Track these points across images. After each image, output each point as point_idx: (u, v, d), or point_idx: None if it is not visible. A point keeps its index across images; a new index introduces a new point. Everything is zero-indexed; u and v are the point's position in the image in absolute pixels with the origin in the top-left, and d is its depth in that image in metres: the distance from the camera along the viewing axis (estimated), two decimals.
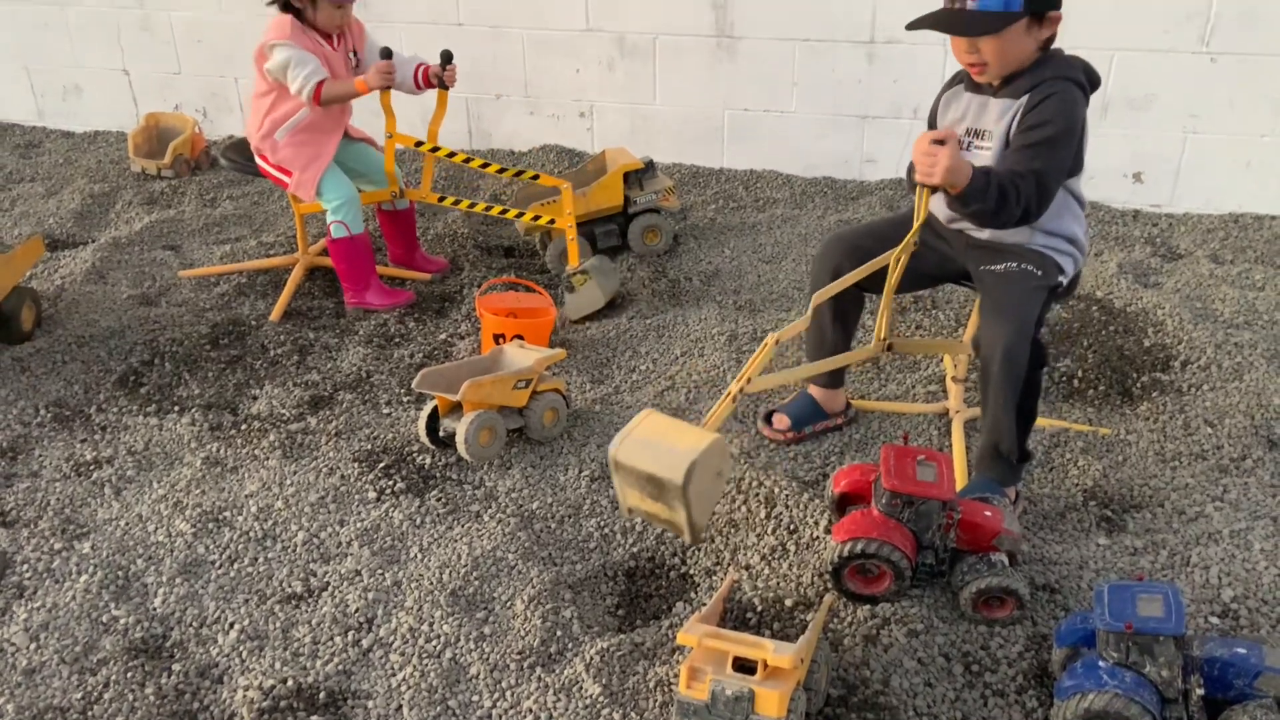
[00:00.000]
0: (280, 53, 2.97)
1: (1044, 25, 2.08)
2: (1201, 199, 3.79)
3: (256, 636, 2.02)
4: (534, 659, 1.94)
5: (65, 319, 3.19)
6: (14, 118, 5.13)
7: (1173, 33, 3.58)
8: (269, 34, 3.00)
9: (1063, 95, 2.07)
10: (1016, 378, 2.10)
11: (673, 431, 1.82)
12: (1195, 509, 2.27)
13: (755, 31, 4.03)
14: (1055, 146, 2.06)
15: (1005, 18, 2.02)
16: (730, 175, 4.24)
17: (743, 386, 1.99)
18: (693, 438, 1.79)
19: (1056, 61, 2.12)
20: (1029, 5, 2.02)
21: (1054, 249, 2.21)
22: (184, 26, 4.68)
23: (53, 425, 2.71)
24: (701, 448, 1.75)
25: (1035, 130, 2.07)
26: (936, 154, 1.99)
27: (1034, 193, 2.04)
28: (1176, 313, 3.00)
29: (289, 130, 3.10)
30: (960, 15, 2.05)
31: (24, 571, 2.20)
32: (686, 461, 1.73)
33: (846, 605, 2.02)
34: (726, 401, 1.97)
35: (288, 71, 2.98)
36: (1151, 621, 1.67)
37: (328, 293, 3.39)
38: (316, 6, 3.00)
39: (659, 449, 1.79)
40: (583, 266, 3.17)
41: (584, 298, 3.18)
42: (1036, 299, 2.13)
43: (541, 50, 4.31)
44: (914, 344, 2.54)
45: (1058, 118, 2.05)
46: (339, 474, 2.49)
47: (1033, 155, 2.05)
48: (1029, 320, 2.10)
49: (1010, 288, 2.15)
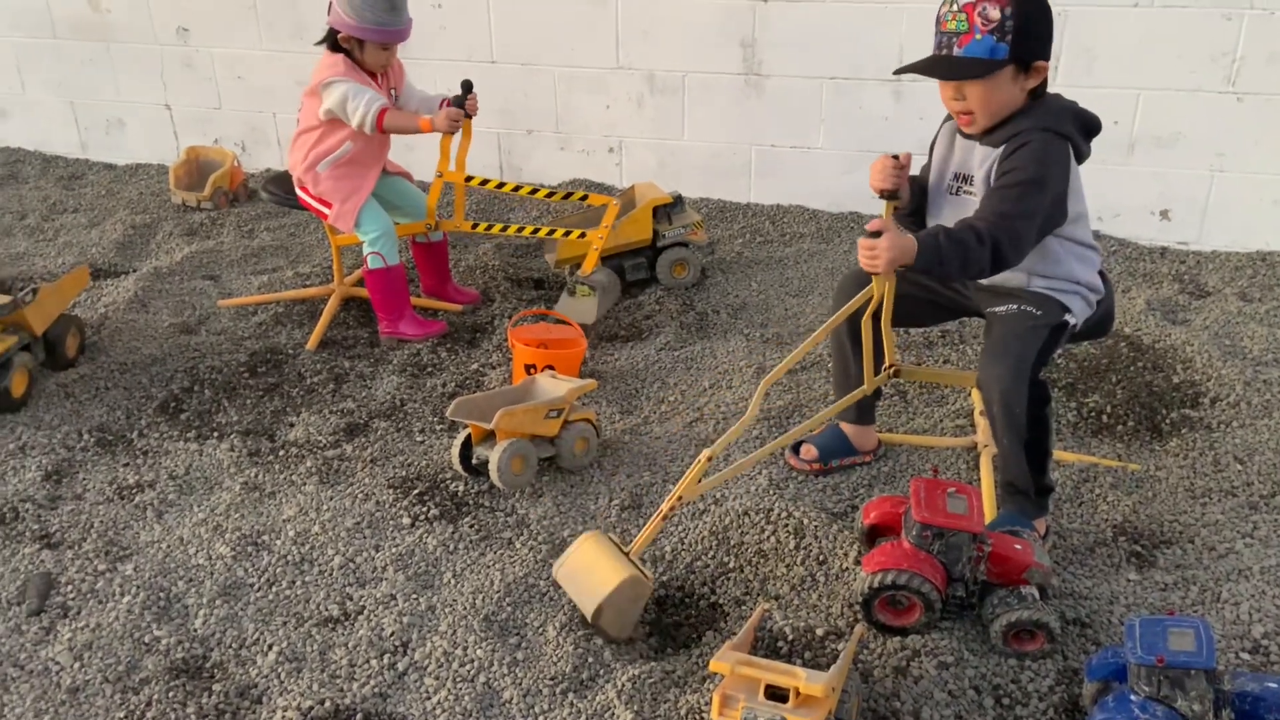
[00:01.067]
0: (338, 88, 3.05)
1: (1030, 75, 2.11)
2: (1229, 237, 3.80)
3: (294, 658, 2.06)
4: (566, 685, 1.96)
5: (108, 346, 3.27)
6: (58, 150, 5.27)
7: (1199, 72, 3.61)
8: (322, 72, 3.09)
9: (1037, 143, 2.09)
10: (1016, 417, 2.14)
11: (598, 563, 2.09)
12: (1225, 545, 2.27)
13: (783, 69, 4.09)
14: (1025, 191, 2.07)
15: (990, 64, 2.06)
16: (757, 210, 4.30)
17: (673, 505, 2.12)
18: (607, 574, 2.04)
19: (1042, 110, 2.14)
20: (1014, 53, 2.05)
21: (1056, 290, 2.23)
22: (225, 63, 4.80)
23: (96, 449, 2.77)
24: (608, 591, 2.02)
25: (1005, 175, 2.10)
26: (875, 246, 2.02)
27: (1002, 236, 2.04)
28: (1205, 350, 3.01)
29: (331, 164, 3.18)
30: (946, 61, 2.10)
31: (68, 592, 2.25)
32: (595, 603, 2.03)
33: (877, 636, 2.04)
34: (657, 520, 2.12)
35: (347, 104, 3.06)
36: (1183, 655, 1.68)
37: (362, 322, 3.46)
38: (364, 48, 3.09)
39: (581, 583, 2.09)
40: (591, 280, 3.25)
41: (579, 307, 3.32)
42: (1034, 339, 2.16)
43: (572, 87, 4.40)
44: (920, 371, 2.55)
45: (1028, 164, 2.08)
46: (374, 500, 2.53)
47: (999, 199, 2.09)
48: (1025, 360, 2.13)
49: (1007, 329, 2.20)
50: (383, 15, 3.03)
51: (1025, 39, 2.05)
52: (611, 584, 2.02)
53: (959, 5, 2.07)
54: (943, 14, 2.11)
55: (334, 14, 3.05)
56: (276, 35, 4.65)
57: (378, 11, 3.01)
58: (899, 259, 2.01)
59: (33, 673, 2.04)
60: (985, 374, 2.18)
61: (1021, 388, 2.11)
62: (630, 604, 2.06)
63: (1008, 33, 2.03)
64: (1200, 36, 3.56)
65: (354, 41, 3.08)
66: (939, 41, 2.12)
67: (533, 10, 4.29)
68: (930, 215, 2.33)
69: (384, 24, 3.04)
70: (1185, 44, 3.59)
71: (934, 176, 2.33)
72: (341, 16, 3.03)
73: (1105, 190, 3.85)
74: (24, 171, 5.05)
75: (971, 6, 2.05)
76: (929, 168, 2.37)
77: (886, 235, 2.01)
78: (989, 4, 2.03)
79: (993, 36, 2.04)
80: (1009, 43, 2.04)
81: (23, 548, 2.39)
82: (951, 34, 2.08)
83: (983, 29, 2.04)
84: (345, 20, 3.02)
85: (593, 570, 2.08)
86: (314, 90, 3.11)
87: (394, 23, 3.07)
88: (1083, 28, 3.62)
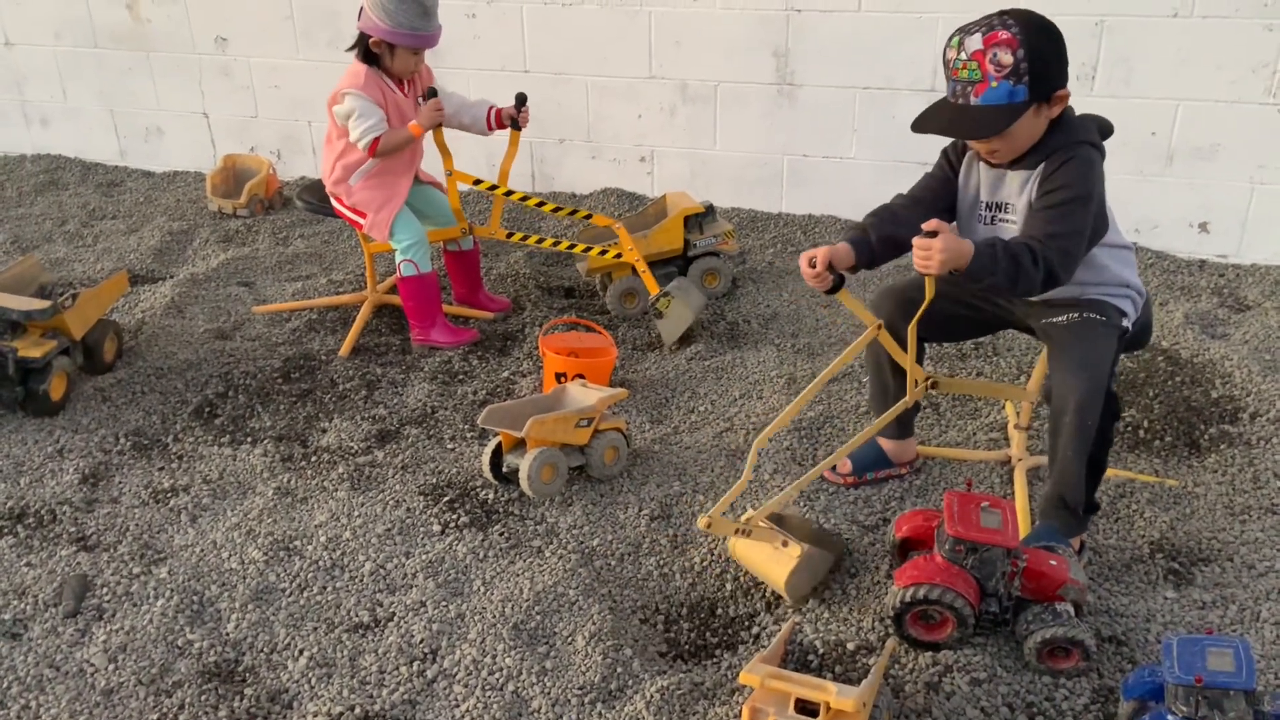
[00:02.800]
0: (349, 101, 3.09)
1: (1053, 104, 2.05)
2: (1269, 250, 3.74)
3: (325, 664, 2.07)
4: (595, 695, 1.96)
5: (145, 351, 3.31)
6: (98, 158, 5.35)
7: (1239, 84, 3.56)
8: (343, 82, 3.12)
9: (1079, 159, 2.06)
10: (1089, 430, 2.08)
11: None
12: (1265, 564, 2.23)
13: (816, 79, 4.08)
14: (1073, 209, 2.03)
15: (1012, 111, 2.00)
16: (789, 220, 4.28)
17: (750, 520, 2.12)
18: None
19: (1068, 127, 2.09)
20: (1034, 93, 2.00)
21: (1109, 294, 2.20)
22: (262, 72, 4.86)
23: (132, 453, 2.80)
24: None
25: (1052, 194, 2.06)
26: (930, 247, 1.97)
27: (1055, 257, 2.00)
28: (1245, 364, 2.96)
29: (363, 175, 3.21)
30: (966, 115, 2.03)
31: (103, 594, 2.28)
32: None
33: (908, 651, 2.02)
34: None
35: (351, 120, 3.10)
36: (1222, 676, 1.65)
37: (395, 330, 3.48)
38: (394, 53, 3.12)
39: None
40: (664, 290, 3.26)
41: (674, 319, 3.28)
42: (1108, 345, 2.12)
43: (604, 96, 4.41)
44: (960, 384, 2.52)
45: (1075, 182, 2.04)
46: (405, 507, 2.54)
47: (1049, 219, 2.04)
48: (1103, 370, 2.09)
49: (1080, 338, 2.14)
50: (415, 20, 3.05)
51: (1042, 77, 1.99)
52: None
53: (968, 53, 1.99)
54: (951, 60, 2.03)
55: (365, 18, 3.07)
56: (314, 44, 4.70)
57: (410, 16, 3.03)
58: (952, 261, 1.97)
59: (68, 674, 2.06)
60: (1061, 384, 2.11)
61: (1098, 399, 2.07)
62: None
63: (1024, 75, 1.97)
64: (1240, 47, 3.52)
65: (384, 46, 3.11)
66: (953, 89, 2.05)
67: (566, 20, 4.31)
68: None
69: (416, 29, 3.07)
70: (1225, 55, 3.54)
71: (963, 204, 2.26)
72: (373, 20, 3.05)
73: (1143, 202, 3.81)
74: (64, 178, 5.13)
75: (981, 54, 1.98)
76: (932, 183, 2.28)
77: (942, 236, 1.96)
78: (999, 49, 1.96)
79: (1009, 81, 1.98)
80: (1027, 84, 1.98)
81: (59, 549, 2.42)
82: (965, 82, 2.01)
83: (997, 75, 1.98)
84: (377, 24, 3.05)
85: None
86: (335, 97, 3.14)
87: (425, 28, 3.09)
88: (1121, 38, 3.58)
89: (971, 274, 1.99)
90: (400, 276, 3.26)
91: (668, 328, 3.29)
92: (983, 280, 2.01)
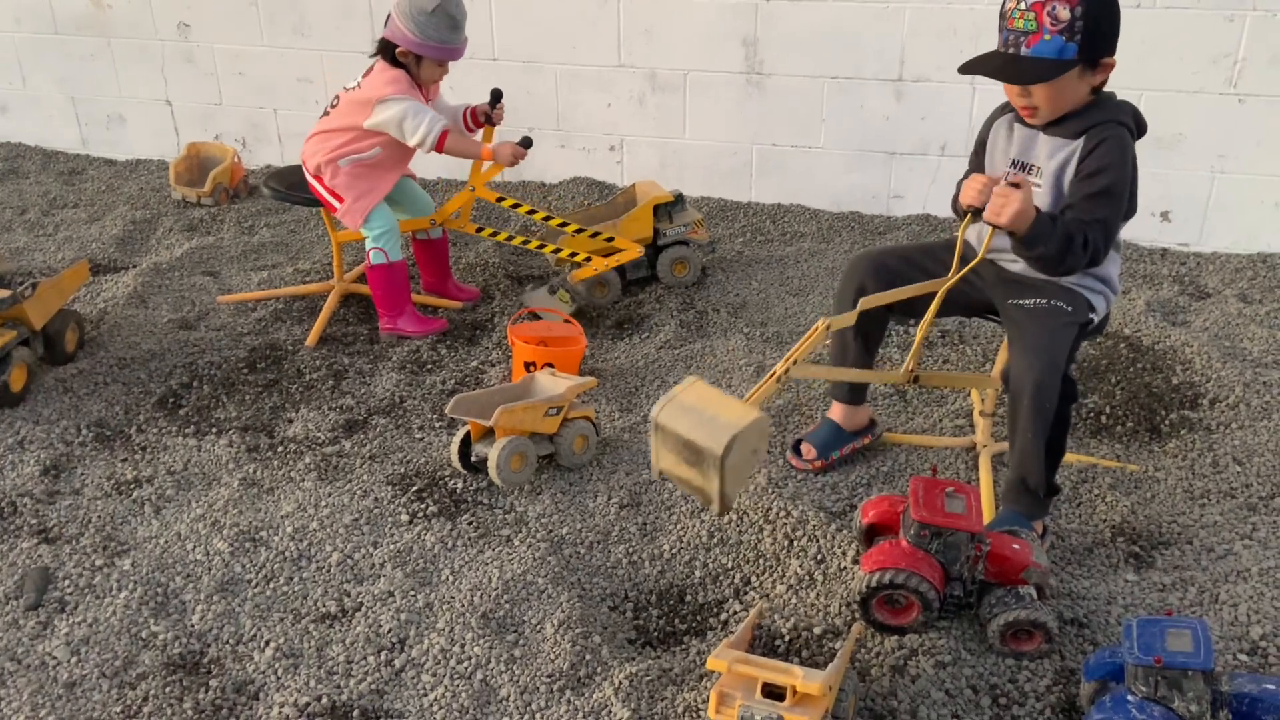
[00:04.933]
0: (397, 105, 3.04)
1: (1097, 71, 2.09)
2: (1229, 238, 3.80)
3: (292, 654, 2.06)
4: (564, 682, 1.96)
5: (107, 341, 3.27)
6: (59, 145, 5.27)
7: (1201, 74, 3.61)
8: (383, 88, 3.06)
9: (1117, 140, 2.09)
10: (1046, 413, 2.11)
11: (717, 401, 1.82)
12: (1224, 547, 2.27)
13: (785, 69, 4.09)
14: (1117, 194, 2.09)
15: (1059, 65, 2.03)
16: (758, 209, 4.29)
17: (788, 368, 2.04)
18: (737, 411, 1.78)
19: (1108, 105, 2.13)
20: (1083, 53, 2.03)
21: (1086, 287, 2.23)
22: (226, 59, 4.80)
23: (94, 444, 2.77)
24: (745, 422, 1.75)
25: (1095, 178, 2.09)
26: (1009, 195, 2.01)
27: (1100, 241, 2.07)
28: (1205, 351, 3.00)
29: (353, 162, 3.17)
30: (1014, 62, 2.07)
31: (65, 587, 2.25)
32: (728, 434, 1.73)
33: (874, 635, 2.04)
34: (770, 382, 2.03)
35: (405, 122, 3.05)
36: (1180, 656, 1.68)
37: (362, 319, 3.46)
38: (420, 63, 3.09)
39: (702, 417, 1.79)
40: (573, 290, 3.39)
41: (549, 305, 3.38)
42: (1067, 335, 2.15)
43: (574, 85, 4.39)
44: (940, 377, 2.55)
45: (1116, 164, 2.08)
46: (372, 496, 2.53)
47: (1095, 204, 2.08)
48: (1059, 356, 2.11)
49: (1041, 324, 2.17)
50: (446, 34, 3.04)
51: (1095, 38, 2.03)
52: (749, 416, 1.77)
53: (1027, 3, 2.03)
54: (1009, 9, 2.07)
55: (393, 28, 3.05)
56: (278, 31, 4.65)
57: (441, 30, 3.02)
58: (1021, 220, 2.01)
59: (30, 667, 2.04)
60: (1018, 368, 2.15)
61: (1055, 382, 2.10)
62: (751, 455, 1.81)
63: (1077, 33, 2.00)
64: (1202, 38, 3.56)
65: (411, 56, 3.08)
66: (1005, 39, 2.08)
67: (534, 8, 4.28)
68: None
69: (446, 42, 3.05)
70: (1187, 45, 3.59)
71: (990, 166, 2.30)
72: (403, 32, 3.02)
73: None
74: (24, 166, 5.05)
75: (1040, 5, 2.01)
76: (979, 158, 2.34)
77: (1025, 189, 2.00)
78: (1059, 3, 1.99)
79: (1062, 37, 2.01)
80: (1078, 43, 2.01)
81: (20, 542, 2.39)
82: (1019, 32, 2.04)
83: (1052, 29, 2.01)
84: (407, 36, 3.02)
85: (720, 405, 1.81)
86: (367, 100, 3.09)
87: (454, 41, 3.08)
88: None
89: (1028, 240, 2.04)
90: (370, 264, 3.23)
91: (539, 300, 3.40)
92: (1035, 248, 2.06)
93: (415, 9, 3.00)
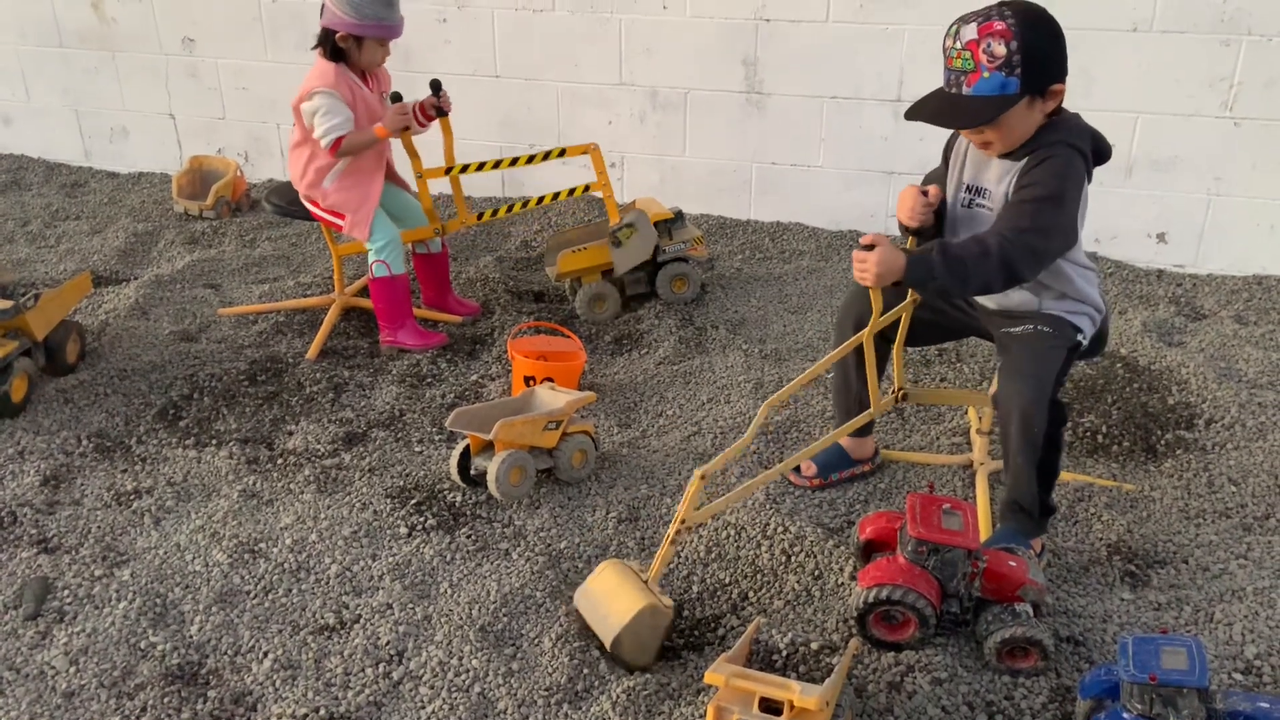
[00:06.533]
0: (317, 99, 3.08)
1: (1047, 98, 2.04)
2: (1225, 260, 3.83)
3: (290, 666, 2.06)
4: (561, 696, 1.96)
5: (108, 353, 3.28)
6: (62, 158, 5.29)
7: (1197, 97, 3.64)
8: (311, 80, 3.11)
9: (1060, 159, 2.05)
10: (1034, 436, 2.12)
11: (613, 593, 2.07)
12: (1219, 566, 2.28)
13: (784, 88, 4.12)
14: (1043, 207, 2.02)
15: (1002, 102, 1.98)
16: (757, 227, 4.32)
17: (678, 528, 2.09)
18: (626, 602, 2.03)
19: (1062, 127, 2.08)
20: (1026, 86, 1.98)
21: (1067, 311, 2.23)
22: (229, 73, 4.83)
23: (95, 455, 2.77)
24: (627, 619, 2.00)
25: (1025, 190, 2.05)
26: (866, 260, 2.01)
27: (1016, 252, 2.00)
28: (1201, 372, 3.02)
29: (335, 177, 3.20)
30: (956, 105, 2.02)
31: (65, 597, 2.25)
32: (612, 635, 2.02)
33: (871, 651, 2.04)
34: (666, 545, 2.10)
35: (316, 116, 3.08)
36: (1175, 674, 1.69)
37: (362, 333, 3.47)
38: (362, 47, 3.11)
39: (600, 612, 2.08)
40: (627, 220, 3.40)
41: (631, 250, 3.42)
42: (1054, 359, 2.16)
43: (575, 102, 4.43)
44: (930, 393, 2.56)
45: (1049, 179, 2.03)
46: (371, 509, 2.54)
47: (1017, 214, 2.04)
48: (1046, 380, 2.13)
49: (1027, 349, 2.18)
50: (380, 10, 3.05)
51: (1036, 69, 1.98)
52: (630, 612, 2.00)
53: (962, 42, 1.99)
54: (947, 49, 2.04)
55: (329, 15, 3.06)
56: (281, 46, 4.68)
57: (377, 7, 3.04)
58: (888, 275, 2.00)
59: (28, 677, 2.04)
60: (1005, 392, 2.15)
61: (1042, 406, 2.10)
62: (650, 632, 2.04)
63: (1016, 67, 1.96)
64: (1198, 62, 3.60)
65: (351, 41, 3.10)
66: (947, 78, 2.06)
67: (537, 26, 4.32)
68: (946, 229, 2.28)
69: (383, 19, 3.07)
70: (1183, 69, 3.62)
71: (949, 188, 2.28)
72: (339, 16, 3.03)
73: (1103, 212, 3.88)
74: (27, 178, 5.07)
75: (975, 43, 1.97)
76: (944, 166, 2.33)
77: (878, 249, 1.99)
78: (993, 39, 1.96)
79: (1001, 73, 1.97)
80: (1019, 76, 1.97)
81: (20, 552, 2.39)
82: (959, 71, 2.01)
83: (990, 66, 1.97)
84: (344, 19, 3.03)
85: (612, 598, 2.06)
86: (304, 97, 3.12)
87: (391, 18, 3.10)
88: (1082, 51, 3.61)
89: (911, 283, 2.03)
90: (372, 277, 3.25)
91: (623, 257, 3.43)
92: (926, 286, 2.04)
93: None
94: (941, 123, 2.08)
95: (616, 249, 3.43)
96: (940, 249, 2.02)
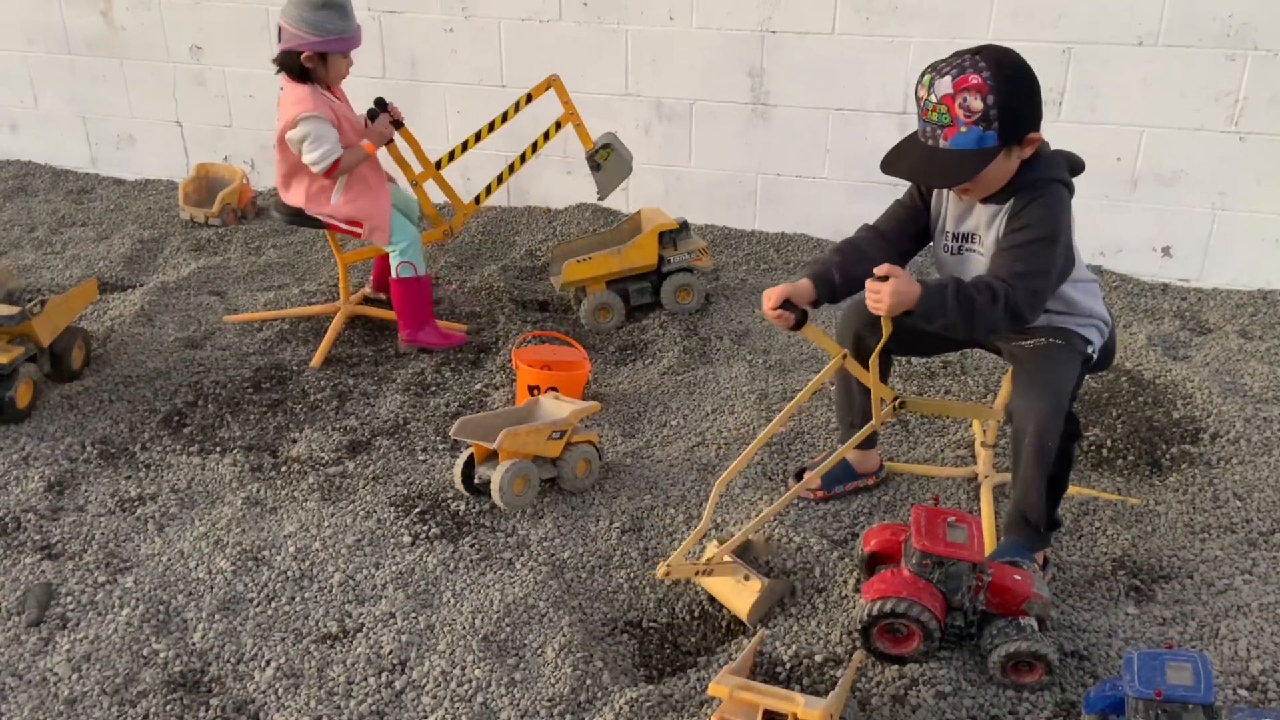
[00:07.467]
0: (303, 126, 3.06)
1: (1024, 146, 2.02)
2: (1230, 274, 3.82)
3: (292, 674, 2.06)
4: (564, 707, 1.96)
5: (113, 359, 3.29)
6: (69, 164, 5.31)
7: (1203, 111, 3.65)
8: (290, 108, 3.08)
9: (1048, 197, 2.04)
10: (1049, 451, 2.11)
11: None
12: (1224, 581, 2.28)
13: (790, 100, 4.13)
14: (1039, 248, 2.02)
15: (980, 157, 1.96)
16: (762, 238, 4.32)
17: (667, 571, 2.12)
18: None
19: (1038, 164, 2.07)
20: (1004, 139, 1.96)
21: (1074, 325, 2.23)
22: (236, 81, 4.85)
23: (99, 461, 2.78)
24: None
25: (1020, 233, 2.04)
26: (880, 290, 1.98)
27: (1020, 297, 1.99)
28: (1206, 386, 3.02)
29: (340, 191, 3.21)
30: (934, 159, 2.01)
31: (68, 603, 2.25)
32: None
33: (875, 664, 2.04)
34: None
35: (305, 144, 3.08)
36: (1180, 689, 1.68)
37: (367, 341, 3.47)
38: (327, 63, 3.11)
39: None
40: (602, 142, 3.43)
41: (612, 172, 3.43)
42: (1069, 370, 2.16)
43: (581, 113, 4.42)
44: (929, 404, 2.55)
45: (1043, 221, 2.02)
46: (375, 518, 2.54)
47: (1015, 258, 2.03)
48: (1063, 392, 2.12)
49: (1044, 362, 2.17)
50: (339, 23, 3.07)
51: (1013, 122, 1.95)
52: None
53: (937, 96, 1.97)
54: (922, 100, 1.99)
55: (289, 37, 3.05)
56: None
57: (335, 21, 3.05)
58: (901, 305, 1.97)
59: (31, 683, 2.04)
60: (1022, 405, 2.14)
61: (1058, 421, 2.09)
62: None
63: (994, 121, 1.94)
64: (1204, 76, 3.60)
65: (316, 59, 3.09)
66: (923, 129, 2.03)
67: (543, 36, 4.34)
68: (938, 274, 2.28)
69: (343, 32, 3.09)
70: (1189, 83, 3.63)
71: (934, 232, 2.27)
72: (300, 36, 3.03)
73: (1108, 226, 3.88)
74: (34, 184, 5.08)
75: (951, 98, 1.95)
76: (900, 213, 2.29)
77: (893, 280, 1.97)
78: (969, 94, 1.93)
79: (978, 127, 1.95)
80: (996, 130, 1.94)
81: (24, 558, 2.39)
82: (935, 124, 1.99)
83: (967, 121, 1.95)
84: (306, 38, 3.03)
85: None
86: (288, 126, 3.08)
87: (349, 29, 3.11)
88: (1088, 65, 3.66)
89: (920, 316, 1.99)
90: (397, 278, 3.26)
91: (605, 180, 3.44)
92: (934, 321, 2.00)
93: (306, 8, 3.01)
94: (920, 180, 2.09)
95: (597, 172, 3.43)
96: (954, 285, 2.00)
